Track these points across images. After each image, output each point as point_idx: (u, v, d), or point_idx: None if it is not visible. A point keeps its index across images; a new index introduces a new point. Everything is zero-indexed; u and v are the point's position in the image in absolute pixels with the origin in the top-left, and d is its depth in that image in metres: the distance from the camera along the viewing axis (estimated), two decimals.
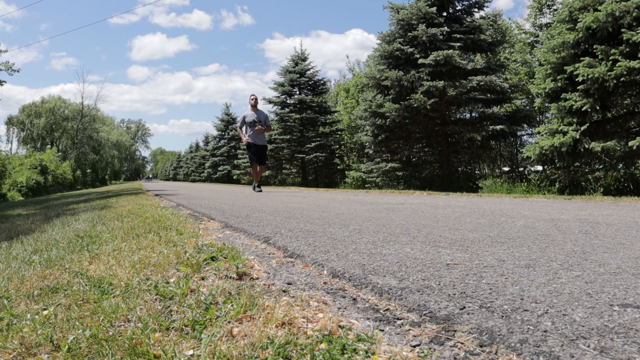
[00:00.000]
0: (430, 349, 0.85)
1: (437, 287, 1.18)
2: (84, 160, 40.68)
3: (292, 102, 17.05)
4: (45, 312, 1.09)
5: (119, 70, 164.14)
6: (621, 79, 5.45)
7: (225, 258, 1.61)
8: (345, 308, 1.10)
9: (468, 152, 10.15)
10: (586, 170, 6.64)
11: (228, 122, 27.52)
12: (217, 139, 29.10)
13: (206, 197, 6.81)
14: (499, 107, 9.92)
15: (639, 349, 0.77)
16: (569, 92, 6.10)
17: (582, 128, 5.94)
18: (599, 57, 5.74)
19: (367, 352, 0.81)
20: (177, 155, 70.45)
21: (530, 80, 9.57)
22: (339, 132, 16.35)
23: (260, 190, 8.55)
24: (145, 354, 0.83)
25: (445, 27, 9.21)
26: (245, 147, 9.14)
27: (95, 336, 0.90)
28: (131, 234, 2.43)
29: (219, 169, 27.09)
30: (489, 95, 9.31)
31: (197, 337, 0.90)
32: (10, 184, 20.89)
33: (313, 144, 15.39)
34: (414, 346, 0.86)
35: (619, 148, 5.65)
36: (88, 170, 40.89)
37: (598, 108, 5.84)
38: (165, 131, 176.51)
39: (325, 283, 1.32)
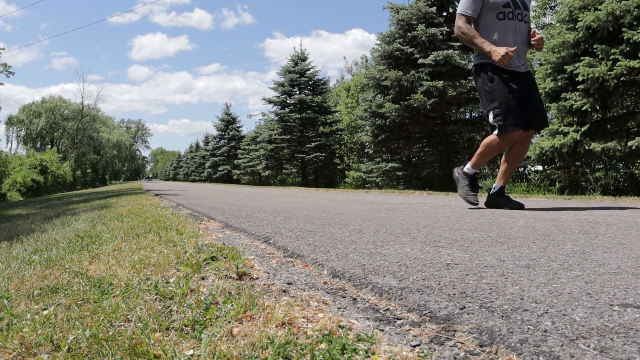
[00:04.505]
0: (430, 348, 0.85)
1: (437, 287, 1.18)
2: (84, 160, 40.68)
3: (292, 102, 17.07)
4: (45, 312, 1.09)
5: (119, 70, 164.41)
6: (621, 79, 5.45)
7: (225, 258, 1.61)
8: (345, 308, 1.10)
9: (468, 152, 10.15)
10: (586, 170, 6.64)
11: (228, 122, 27.51)
12: (217, 139, 29.09)
13: (206, 197, 6.81)
14: None
15: (639, 349, 0.77)
16: (569, 92, 6.10)
17: (583, 129, 5.94)
18: (599, 57, 5.74)
19: (367, 352, 0.81)
20: (177, 155, 70.50)
21: None
22: (339, 132, 16.35)
23: (522, 207, 3.34)
24: (145, 354, 0.83)
25: (445, 27, 9.21)
26: (489, 76, 3.27)
27: (95, 336, 0.90)
28: (131, 234, 2.43)
29: (219, 169, 27.10)
30: None
31: (197, 337, 0.90)
32: (10, 184, 20.89)
33: (313, 144, 15.40)
34: (414, 346, 0.86)
35: (619, 148, 5.65)
36: (88, 170, 40.91)
37: (598, 108, 5.84)
38: (165, 131, 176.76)
39: (325, 283, 1.32)
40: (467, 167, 3.54)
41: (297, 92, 17.14)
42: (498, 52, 3.16)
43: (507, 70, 3.25)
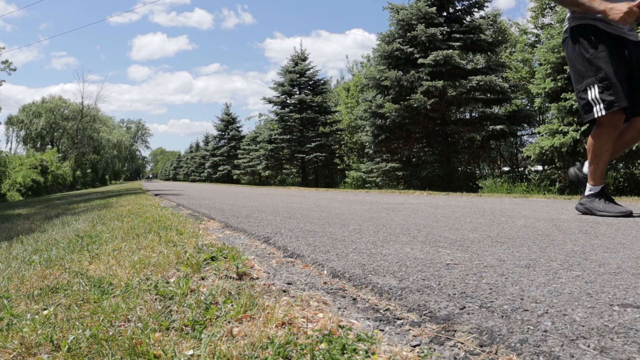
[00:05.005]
0: (430, 348, 0.85)
1: (437, 287, 1.18)
2: (84, 160, 40.68)
3: (292, 102, 17.07)
4: (45, 312, 1.09)
5: (119, 69, 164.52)
6: None
7: (225, 258, 1.61)
8: (345, 308, 1.10)
9: (468, 152, 10.16)
10: None
11: (228, 122, 27.53)
12: (217, 139, 29.11)
13: (206, 197, 6.81)
14: (499, 107, 9.92)
15: (639, 349, 0.77)
16: (569, 92, 6.10)
17: (583, 128, 5.94)
18: None
19: (367, 352, 0.81)
20: (177, 155, 70.50)
21: (531, 80, 9.57)
22: (339, 132, 16.35)
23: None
24: (145, 354, 0.83)
25: (445, 27, 9.22)
26: (591, 41, 2.47)
27: (95, 336, 0.90)
28: (131, 234, 2.43)
29: (219, 169, 27.11)
30: (489, 95, 9.31)
31: (197, 337, 0.90)
32: (10, 184, 20.88)
33: (313, 144, 15.40)
34: (414, 346, 0.86)
35: None
36: (88, 170, 40.93)
37: None
38: (165, 131, 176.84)
39: (325, 283, 1.32)
40: (590, 188, 2.75)
41: (297, 92, 17.14)
42: (617, 8, 2.34)
43: (614, 36, 2.48)
